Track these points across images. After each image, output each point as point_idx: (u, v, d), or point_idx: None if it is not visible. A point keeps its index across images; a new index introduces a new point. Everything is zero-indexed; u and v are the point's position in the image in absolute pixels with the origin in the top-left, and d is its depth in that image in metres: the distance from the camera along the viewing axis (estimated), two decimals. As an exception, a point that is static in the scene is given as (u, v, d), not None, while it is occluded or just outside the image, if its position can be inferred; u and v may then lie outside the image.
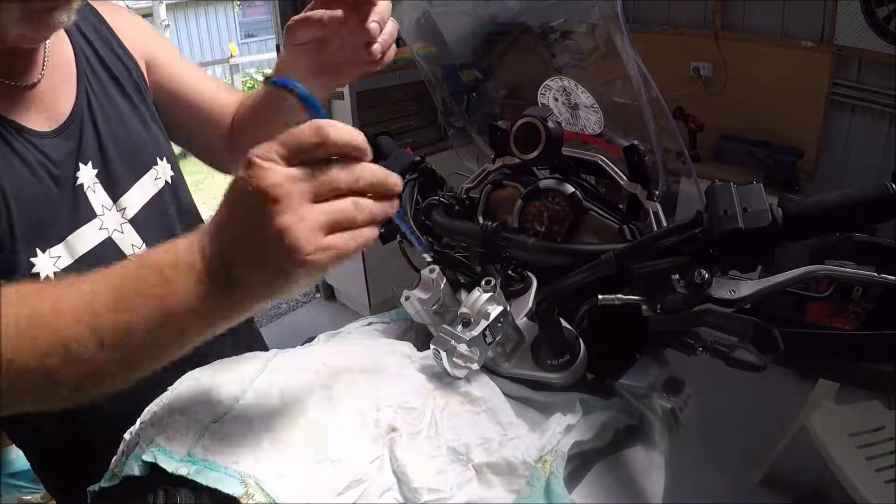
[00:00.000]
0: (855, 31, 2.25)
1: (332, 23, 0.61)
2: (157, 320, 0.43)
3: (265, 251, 0.40)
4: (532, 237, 0.71)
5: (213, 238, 0.43)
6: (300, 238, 0.39)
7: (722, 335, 0.54)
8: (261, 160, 0.39)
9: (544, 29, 0.86)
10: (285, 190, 0.39)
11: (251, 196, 0.39)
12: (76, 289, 0.44)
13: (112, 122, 0.74)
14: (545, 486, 0.50)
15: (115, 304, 0.43)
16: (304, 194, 0.39)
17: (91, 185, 0.70)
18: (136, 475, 0.48)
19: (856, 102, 2.37)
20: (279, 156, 0.40)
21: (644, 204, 0.69)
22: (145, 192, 0.77)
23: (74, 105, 0.70)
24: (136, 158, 0.76)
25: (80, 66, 0.73)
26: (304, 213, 0.39)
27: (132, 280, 0.44)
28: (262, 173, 0.39)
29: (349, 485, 0.48)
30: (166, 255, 0.44)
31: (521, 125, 0.73)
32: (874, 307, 0.53)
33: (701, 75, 2.68)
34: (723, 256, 0.50)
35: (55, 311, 0.44)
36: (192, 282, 0.42)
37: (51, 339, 0.43)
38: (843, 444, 1.56)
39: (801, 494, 1.82)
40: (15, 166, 0.63)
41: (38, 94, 0.67)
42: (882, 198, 0.44)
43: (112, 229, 0.72)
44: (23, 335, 0.43)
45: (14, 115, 0.64)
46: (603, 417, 0.60)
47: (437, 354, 0.57)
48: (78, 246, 0.68)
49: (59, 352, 0.43)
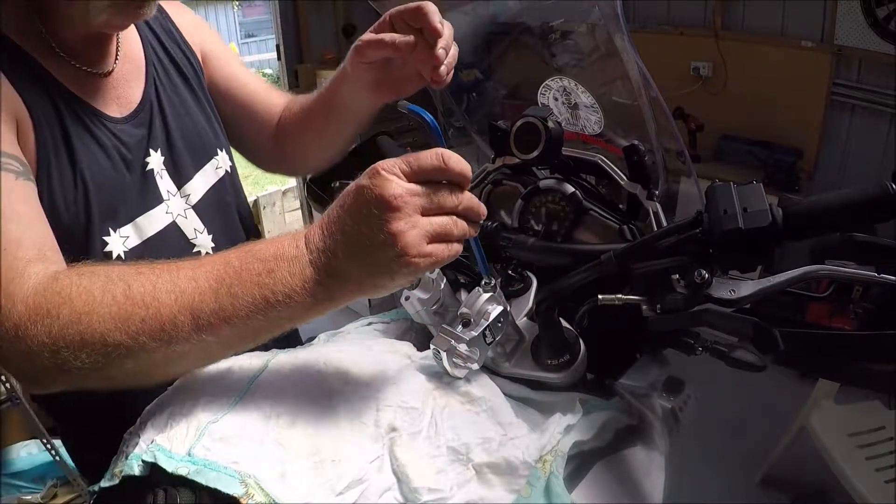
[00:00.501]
0: (855, 31, 2.25)
1: (404, 47, 0.64)
2: (258, 308, 0.46)
3: (376, 250, 0.45)
4: (532, 237, 0.71)
5: (323, 232, 0.47)
6: (409, 243, 0.45)
7: (722, 335, 0.54)
8: (386, 172, 0.45)
9: (544, 29, 0.86)
10: (404, 201, 0.44)
11: (373, 201, 0.44)
12: (175, 274, 0.48)
13: (178, 113, 0.77)
14: (545, 485, 0.50)
15: (217, 291, 0.46)
16: (418, 207, 0.45)
17: (159, 171, 0.73)
18: (137, 475, 0.48)
19: (856, 102, 2.37)
20: (402, 172, 0.45)
21: (644, 204, 0.69)
22: (207, 180, 0.80)
23: (143, 94, 0.74)
24: (200, 148, 0.79)
25: (149, 58, 0.76)
26: (416, 222, 0.45)
27: (235, 269, 0.47)
28: (386, 183, 0.44)
29: (349, 485, 0.48)
30: (271, 247, 0.48)
31: (521, 125, 0.73)
32: (874, 307, 0.53)
33: (701, 75, 2.68)
34: (723, 256, 0.50)
35: (153, 293, 0.47)
36: (296, 272, 0.46)
37: (147, 318, 0.46)
38: (843, 444, 1.56)
39: (801, 494, 1.82)
40: (93, 149, 0.66)
41: (111, 82, 0.70)
42: (882, 198, 0.44)
43: (176, 214, 0.75)
44: (120, 313, 0.46)
45: (91, 100, 0.67)
46: (603, 417, 0.60)
47: (437, 354, 0.57)
48: (147, 228, 0.71)
49: (155, 331, 0.46)
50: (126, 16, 0.64)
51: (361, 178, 0.46)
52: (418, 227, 0.45)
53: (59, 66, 0.65)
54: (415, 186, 0.45)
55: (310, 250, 0.47)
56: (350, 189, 0.47)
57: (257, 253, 0.48)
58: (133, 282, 0.48)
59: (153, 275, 0.48)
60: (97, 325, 0.46)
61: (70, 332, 0.46)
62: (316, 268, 0.46)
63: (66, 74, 0.65)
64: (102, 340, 0.46)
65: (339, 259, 0.46)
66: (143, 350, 0.47)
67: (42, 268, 0.51)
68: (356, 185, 0.46)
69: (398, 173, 0.45)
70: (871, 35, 2.20)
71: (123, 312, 0.46)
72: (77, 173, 0.64)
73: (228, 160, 0.84)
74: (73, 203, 0.64)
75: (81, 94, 0.66)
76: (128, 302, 0.47)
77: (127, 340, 0.46)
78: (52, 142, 0.62)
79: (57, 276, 0.50)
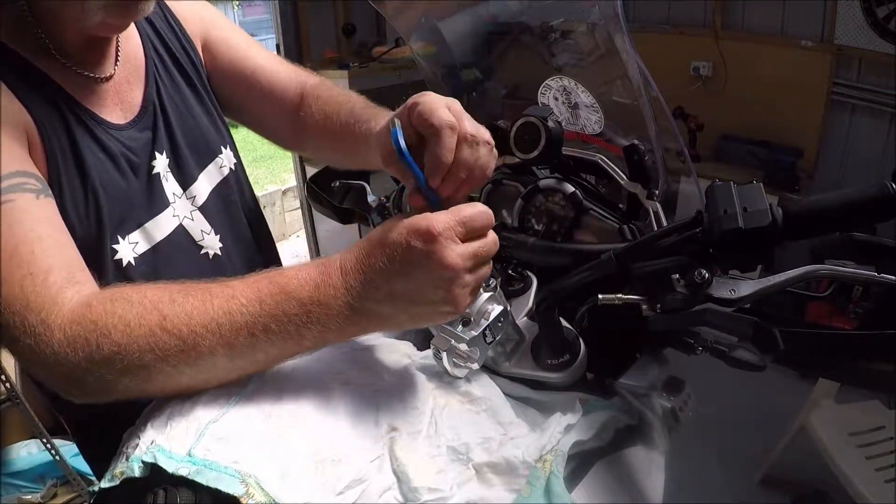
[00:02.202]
0: (855, 31, 2.25)
1: None
2: (292, 342, 0.50)
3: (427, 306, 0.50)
4: (532, 237, 0.71)
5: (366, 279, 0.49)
6: (460, 302, 0.50)
7: (722, 335, 0.54)
8: (444, 239, 0.47)
9: (544, 29, 0.86)
10: (462, 266, 0.48)
11: (432, 267, 0.47)
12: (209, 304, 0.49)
13: (180, 112, 0.76)
14: (545, 485, 0.50)
15: (252, 327, 0.49)
16: (470, 268, 0.49)
17: (164, 174, 0.72)
18: (137, 476, 0.48)
19: (856, 102, 2.37)
20: (458, 235, 0.48)
21: (644, 203, 0.69)
22: (212, 179, 0.79)
23: (145, 96, 0.72)
24: (203, 147, 0.78)
25: (149, 57, 0.74)
26: (469, 281, 0.49)
27: (270, 308, 0.49)
28: (445, 252, 0.47)
29: (349, 484, 0.48)
30: (307, 288, 0.49)
31: (521, 125, 0.73)
32: (874, 307, 0.53)
33: (701, 75, 2.68)
34: (723, 256, 0.50)
35: (188, 325, 0.48)
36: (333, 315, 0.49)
37: (185, 349, 0.48)
38: (843, 443, 1.56)
39: (801, 494, 1.82)
40: (101, 158, 0.65)
41: (113, 86, 0.69)
42: (882, 197, 0.44)
43: (183, 216, 0.74)
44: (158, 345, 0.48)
45: (95, 106, 0.67)
46: (603, 417, 0.60)
47: (437, 354, 0.57)
48: (155, 233, 0.71)
49: (192, 360, 0.49)
50: (122, 15, 0.63)
51: (413, 239, 0.47)
52: (468, 286, 0.49)
53: (60, 71, 0.64)
54: (468, 250, 0.48)
55: (350, 295, 0.49)
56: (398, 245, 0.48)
57: (293, 292, 0.49)
58: (168, 311, 0.49)
59: (187, 304, 0.50)
60: (136, 355, 0.48)
61: (111, 362, 0.48)
62: (353, 310, 0.49)
63: (68, 80, 0.64)
64: (143, 368, 0.49)
65: (384, 306, 0.49)
66: (181, 374, 0.50)
67: (74, 292, 0.52)
68: (407, 245, 0.47)
69: (454, 237, 0.47)
70: (871, 35, 2.20)
71: (162, 344, 0.48)
72: (88, 183, 0.63)
73: (233, 157, 0.83)
74: (86, 214, 0.63)
75: (85, 101, 0.65)
76: (165, 334, 0.48)
77: (166, 368, 0.49)
78: (61, 153, 0.62)
79: (90, 303, 0.50)
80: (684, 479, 0.68)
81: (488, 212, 0.51)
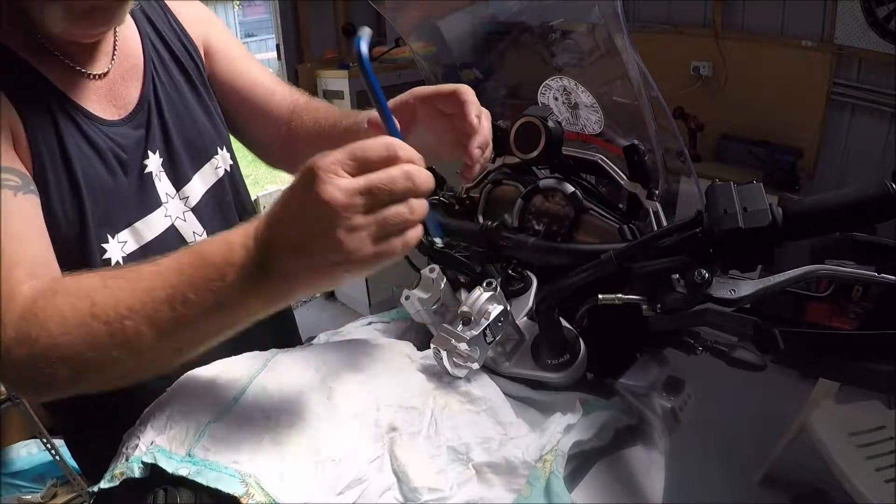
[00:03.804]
0: (855, 31, 2.25)
1: None
2: (213, 311, 0.46)
3: (320, 256, 0.43)
4: (532, 237, 0.71)
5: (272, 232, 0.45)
6: (352, 249, 0.42)
7: (722, 335, 0.54)
8: (323, 173, 0.42)
9: (544, 29, 0.86)
10: (344, 205, 0.41)
11: (312, 207, 0.42)
12: (136, 284, 0.48)
13: (177, 111, 0.75)
14: (545, 485, 0.50)
15: (173, 300, 0.46)
16: (360, 207, 0.42)
17: (157, 174, 0.72)
18: (137, 476, 0.48)
19: (856, 102, 2.37)
20: (344, 168, 0.42)
21: (644, 203, 0.69)
22: (206, 180, 0.78)
23: (141, 94, 0.72)
24: (199, 148, 0.77)
25: (147, 55, 0.74)
26: (358, 224, 0.42)
27: (188, 276, 0.46)
28: (323, 187, 0.41)
29: (349, 484, 0.48)
30: (221, 249, 0.46)
31: (521, 125, 0.73)
32: (874, 307, 0.53)
33: (701, 75, 2.68)
34: (723, 256, 0.50)
35: (115, 309, 0.47)
36: (245, 276, 0.45)
37: (113, 334, 0.47)
38: (843, 443, 1.56)
39: (801, 494, 1.82)
40: (88, 154, 0.64)
41: (107, 83, 0.69)
42: (882, 197, 0.44)
43: (175, 217, 0.73)
44: (90, 333, 0.47)
45: (86, 102, 0.66)
46: (603, 417, 0.60)
47: (437, 354, 0.57)
48: (145, 232, 0.70)
49: (123, 345, 0.47)
50: (84, 26, 0.60)
51: (296, 179, 0.44)
52: (361, 229, 0.42)
53: (52, 67, 0.63)
54: (355, 184, 0.42)
55: (259, 252, 0.45)
56: (290, 188, 0.45)
57: (208, 256, 0.46)
58: (98, 297, 0.48)
59: (117, 287, 0.48)
60: (70, 347, 0.47)
61: (49, 355, 0.47)
62: (265, 271, 0.45)
63: (59, 76, 0.63)
64: (79, 359, 0.47)
65: (288, 262, 0.44)
66: (116, 362, 0.48)
67: (29, 287, 0.51)
68: (293, 186, 0.44)
69: (338, 171, 0.42)
70: (871, 35, 2.20)
71: (92, 331, 0.47)
72: (73, 179, 0.62)
73: (229, 158, 0.83)
74: (71, 210, 0.63)
75: (75, 97, 0.65)
76: (94, 321, 0.47)
77: (100, 356, 0.47)
78: (47, 148, 0.61)
79: (35, 298, 0.50)
80: (684, 479, 0.68)
81: (391, 142, 0.44)
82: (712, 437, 1.77)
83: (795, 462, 1.79)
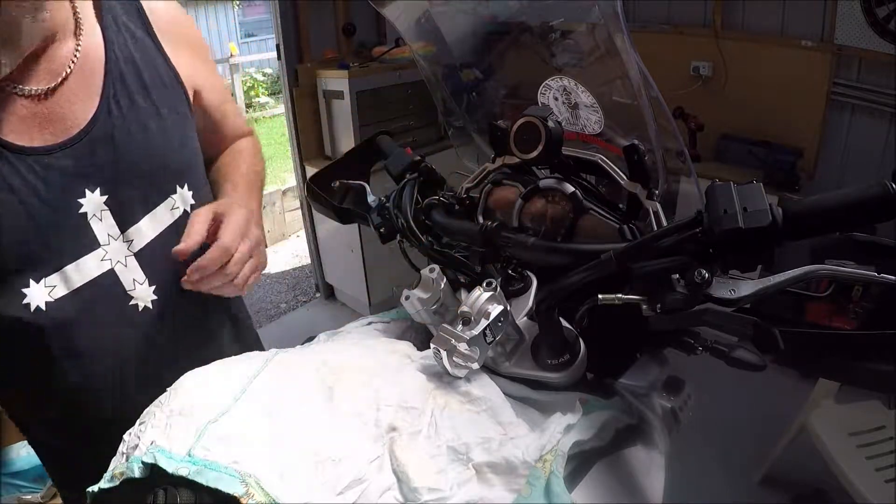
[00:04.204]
0: (855, 31, 2.25)
1: None
2: None
3: None
4: (532, 237, 0.71)
5: None
6: None
7: (722, 335, 0.54)
8: None
9: (544, 28, 0.86)
10: None
11: None
12: None
13: (133, 140, 0.68)
14: (545, 485, 0.50)
15: None
16: None
17: (97, 213, 0.66)
18: (137, 476, 0.48)
19: (856, 102, 2.37)
20: None
21: (644, 203, 0.69)
22: (159, 222, 0.72)
23: (93, 116, 0.65)
24: (154, 183, 0.71)
25: (111, 72, 0.67)
26: None
27: None
28: None
29: (349, 484, 0.48)
30: None
31: (521, 125, 0.73)
32: (874, 307, 0.53)
33: (701, 75, 2.68)
34: (723, 256, 0.50)
35: None
36: None
37: None
38: (843, 443, 1.56)
39: (801, 494, 1.82)
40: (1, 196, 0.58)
41: (48, 103, 0.62)
42: (882, 197, 0.44)
43: (115, 261, 0.68)
44: None
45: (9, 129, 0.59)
46: (603, 417, 0.60)
47: (437, 353, 0.57)
48: (75, 277, 0.65)
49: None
50: None
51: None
52: None
53: None
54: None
55: None
56: None
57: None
58: None
59: None
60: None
61: None
62: None
63: None
64: None
65: None
66: None
67: None
68: None
69: None
70: (871, 35, 2.20)
71: None
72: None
73: (191, 197, 0.75)
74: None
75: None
76: None
77: None
78: None
79: None
80: (684, 479, 0.68)
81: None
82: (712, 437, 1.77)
83: (795, 462, 1.79)
